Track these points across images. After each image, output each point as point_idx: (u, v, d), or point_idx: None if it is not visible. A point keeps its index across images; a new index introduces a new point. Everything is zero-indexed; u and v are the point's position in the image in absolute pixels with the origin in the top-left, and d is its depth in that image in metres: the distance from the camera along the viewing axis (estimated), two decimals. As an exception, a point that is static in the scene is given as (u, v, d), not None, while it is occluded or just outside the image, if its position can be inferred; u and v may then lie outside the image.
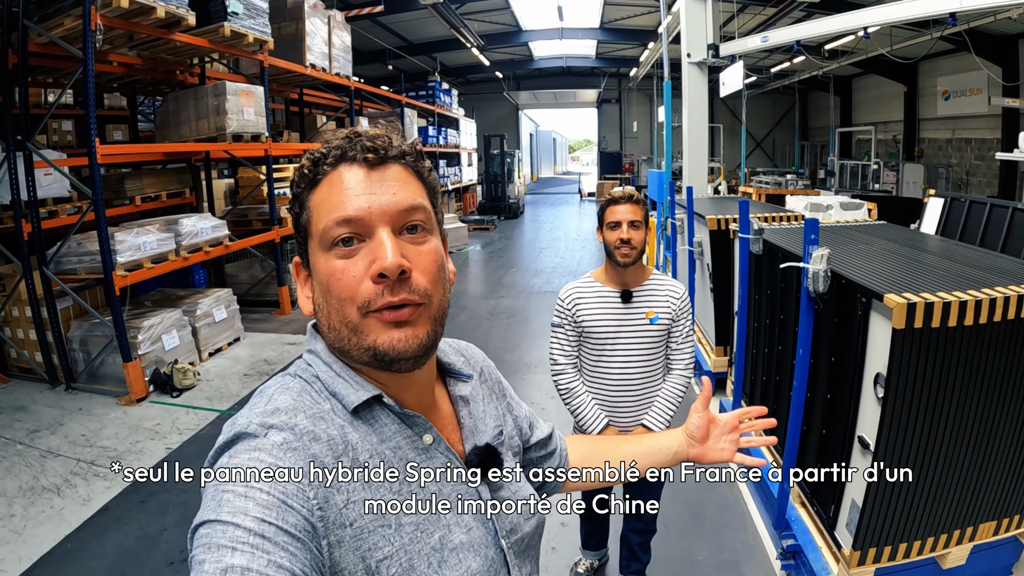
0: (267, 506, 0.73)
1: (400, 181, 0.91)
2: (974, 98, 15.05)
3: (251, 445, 0.79)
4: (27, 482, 4.52)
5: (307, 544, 0.74)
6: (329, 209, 0.88)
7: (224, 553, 0.68)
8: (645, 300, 2.77)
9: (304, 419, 0.83)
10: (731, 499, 4.10)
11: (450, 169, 20.08)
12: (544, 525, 1.12)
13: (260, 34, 7.54)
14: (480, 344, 4.47)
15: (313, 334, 0.98)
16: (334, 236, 0.87)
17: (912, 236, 4.06)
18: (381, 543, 0.81)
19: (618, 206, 2.69)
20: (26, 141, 5.90)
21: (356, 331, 0.87)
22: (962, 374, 2.54)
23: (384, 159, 0.91)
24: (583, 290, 2.80)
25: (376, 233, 0.87)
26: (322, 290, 0.89)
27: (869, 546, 2.75)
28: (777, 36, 8.53)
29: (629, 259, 2.67)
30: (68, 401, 6.01)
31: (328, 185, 0.90)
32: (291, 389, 0.88)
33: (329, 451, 0.82)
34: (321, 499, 0.78)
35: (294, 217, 0.95)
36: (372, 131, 0.93)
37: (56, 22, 5.68)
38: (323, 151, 0.92)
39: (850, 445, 2.87)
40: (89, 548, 3.79)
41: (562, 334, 2.80)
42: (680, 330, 2.80)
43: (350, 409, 0.88)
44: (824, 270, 2.80)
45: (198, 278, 8.72)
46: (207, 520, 0.72)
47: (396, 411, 0.92)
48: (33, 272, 6.16)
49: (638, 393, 2.80)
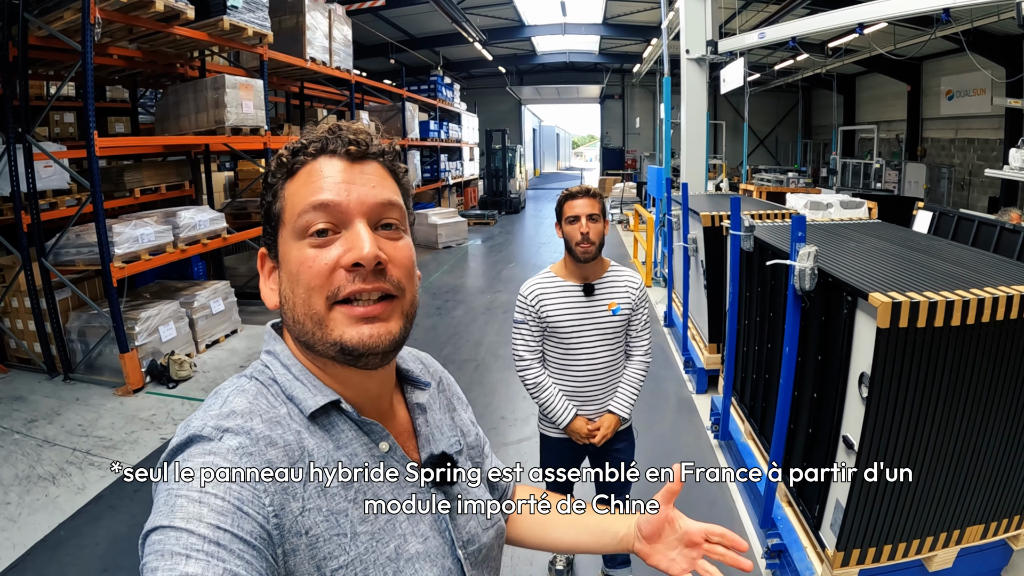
0: (222, 512, 0.71)
1: (379, 177, 0.91)
2: (977, 98, 15.00)
3: (205, 448, 0.77)
4: (23, 471, 4.56)
5: (262, 552, 0.72)
6: (306, 196, 0.87)
7: (178, 561, 0.67)
8: (606, 292, 2.81)
9: (260, 423, 0.81)
10: (719, 497, 4.11)
11: (451, 164, 20.08)
12: (504, 535, 1.10)
13: (260, 28, 7.54)
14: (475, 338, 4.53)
15: (272, 335, 0.96)
16: (309, 222, 0.86)
17: (905, 235, 4.06)
18: (336, 552, 0.80)
19: (576, 200, 2.72)
20: (26, 133, 5.93)
21: (321, 324, 0.85)
22: (948, 375, 2.53)
23: (365, 154, 0.91)
24: (545, 285, 2.82)
25: (353, 224, 0.86)
26: (290, 280, 0.87)
27: (853, 547, 2.75)
28: (774, 32, 8.54)
29: (590, 254, 2.71)
30: (66, 391, 6.04)
31: (306, 174, 0.89)
32: (247, 392, 0.86)
33: (285, 457, 0.80)
34: (277, 506, 0.76)
35: (265, 206, 0.93)
36: (354, 126, 0.93)
37: (56, 15, 5.69)
38: (304, 141, 0.91)
39: (835, 445, 2.88)
40: (82, 536, 3.83)
41: (525, 330, 2.83)
42: (639, 318, 2.88)
43: (307, 414, 0.86)
44: (811, 268, 2.81)
45: (196, 270, 8.74)
46: (160, 526, 0.70)
47: (353, 418, 0.91)
48: (32, 263, 6.19)
49: (604, 382, 2.86)
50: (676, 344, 7.02)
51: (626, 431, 3.02)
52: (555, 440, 2.98)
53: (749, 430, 4.17)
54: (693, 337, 6.28)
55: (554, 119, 54.36)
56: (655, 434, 4.88)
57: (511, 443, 4.92)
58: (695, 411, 5.45)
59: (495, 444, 4.85)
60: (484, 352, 7.17)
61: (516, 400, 5.74)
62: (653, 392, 5.75)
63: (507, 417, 5.39)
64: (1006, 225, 3.52)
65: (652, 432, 4.87)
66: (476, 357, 7.01)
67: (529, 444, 4.84)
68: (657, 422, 5.15)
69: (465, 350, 7.26)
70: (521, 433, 5.08)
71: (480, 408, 5.59)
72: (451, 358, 6.99)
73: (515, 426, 5.22)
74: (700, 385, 5.84)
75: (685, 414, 5.43)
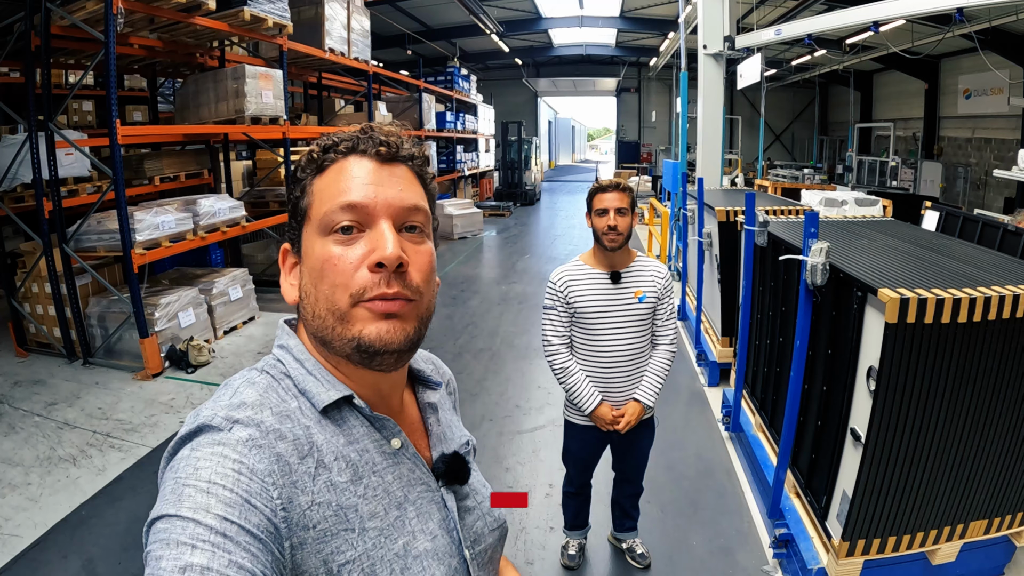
0: (230, 504, 0.71)
1: (407, 180, 0.92)
2: (995, 98, 14.85)
3: (215, 439, 0.76)
4: (44, 452, 4.66)
5: (269, 545, 0.72)
6: (334, 194, 0.88)
7: (183, 550, 0.66)
8: (633, 280, 2.90)
9: (270, 416, 0.81)
10: (729, 488, 4.16)
11: (467, 155, 20.08)
12: (506, 537, 1.11)
13: (279, 18, 7.60)
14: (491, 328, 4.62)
15: (286, 330, 0.96)
16: (335, 221, 0.86)
17: (916, 233, 4.08)
18: (344, 547, 0.80)
19: (606, 194, 2.82)
20: (48, 121, 6.01)
21: (343, 320, 0.85)
22: (955, 371, 2.56)
23: (395, 156, 0.91)
24: (573, 273, 2.92)
25: (377, 224, 0.87)
26: (313, 276, 0.88)
27: (858, 537, 2.80)
28: (790, 30, 8.51)
29: (616, 244, 2.81)
30: (85, 375, 6.15)
31: (336, 172, 0.90)
32: (257, 384, 0.87)
33: (294, 451, 0.80)
34: (285, 499, 0.76)
35: (293, 201, 0.93)
36: (386, 128, 0.94)
37: (78, 5, 5.77)
38: (335, 139, 0.92)
39: (843, 437, 2.92)
40: (103, 515, 3.92)
41: (555, 315, 2.93)
42: (665, 308, 2.96)
43: (319, 408, 0.87)
44: (823, 263, 2.84)
45: (215, 258, 8.84)
46: (166, 514, 0.70)
47: (366, 413, 0.91)
48: (53, 249, 6.30)
49: (629, 369, 2.94)
50: (689, 337, 7.06)
51: (649, 420, 3.11)
52: (580, 427, 3.06)
53: (760, 423, 4.21)
54: (706, 330, 6.32)
55: (570, 111, 54.25)
56: (667, 426, 4.92)
57: (525, 431, 4.97)
58: (707, 403, 5.48)
59: (509, 432, 4.97)
60: (499, 342, 7.23)
61: (531, 389, 5.80)
62: (666, 384, 5.76)
63: (521, 406, 5.44)
64: (1008, 227, 3.55)
65: (664, 424, 4.90)
66: (491, 347, 7.06)
67: (543, 433, 4.90)
68: (669, 414, 5.18)
69: (480, 340, 7.32)
70: (535, 421, 5.13)
71: (495, 397, 5.66)
72: (467, 347, 7.05)
73: (529, 415, 5.28)
74: (712, 378, 5.87)
75: (697, 406, 5.47)
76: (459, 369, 6.34)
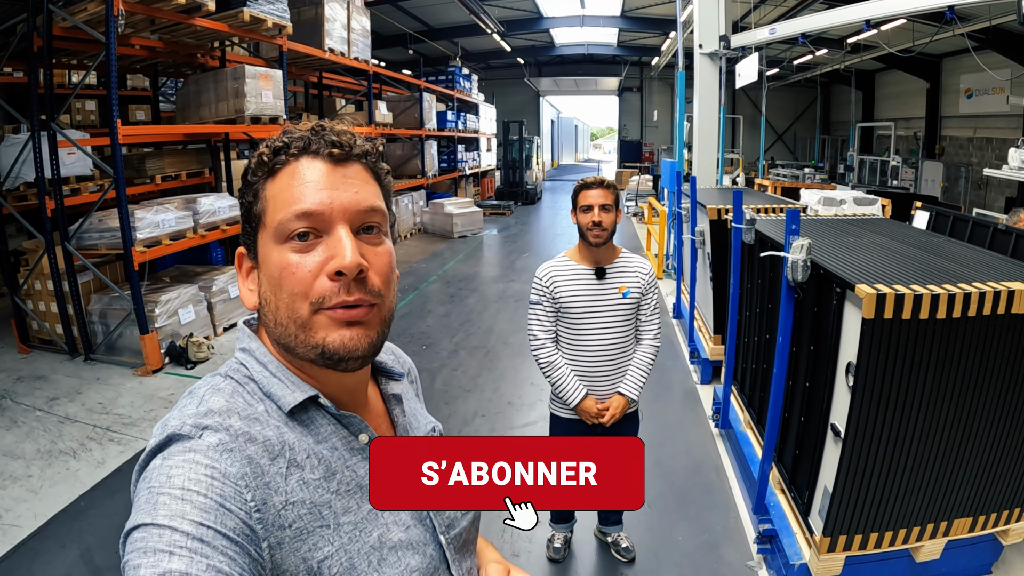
0: (205, 509, 0.71)
1: (361, 180, 0.90)
2: (996, 97, 14.80)
3: (186, 447, 0.77)
4: (45, 446, 4.74)
5: (246, 547, 0.73)
6: (288, 201, 0.86)
7: (161, 557, 0.66)
8: (617, 276, 2.97)
9: (238, 421, 0.82)
10: (717, 483, 4.21)
11: (468, 154, 20.14)
12: (480, 518, 1.11)
13: (279, 19, 7.67)
14: (487, 326, 4.70)
15: (247, 333, 0.96)
16: (291, 229, 0.85)
17: (906, 231, 4.11)
18: (321, 543, 0.80)
19: (590, 190, 2.90)
20: (50, 121, 6.09)
21: (305, 327, 0.85)
22: (933, 368, 2.58)
23: (348, 156, 0.89)
24: (559, 268, 3.00)
25: (335, 230, 0.85)
26: (272, 284, 0.87)
27: (839, 534, 2.83)
28: (784, 28, 8.54)
29: (600, 240, 2.88)
30: (86, 371, 6.23)
31: (288, 176, 0.87)
32: (223, 391, 0.86)
33: (265, 452, 0.80)
34: (259, 501, 0.76)
35: (245, 206, 0.91)
36: (338, 126, 0.91)
37: (80, 7, 5.84)
38: (285, 140, 0.88)
39: (825, 433, 2.96)
40: (101, 507, 4.00)
41: (540, 310, 2.99)
42: (649, 303, 3.02)
43: (286, 411, 0.87)
44: (803, 259, 2.89)
45: (215, 255, 8.89)
46: (142, 523, 0.70)
47: (332, 412, 0.91)
48: (55, 247, 6.37)
49: (614, 363, 3.00)
50: (683, 335, 7.10)
51: (633, 413, 3.15)
52: (565, 420, 3.11)
53: (748, 419, 4.26)
54: (699, 328, 6.36)
55: (573, 111, 54.17)
56: (658, 423, 4.97)
57: (517, 427, 5.03)
58: (699, 400, 5.53)
59: (502, 428, 5.03)
60: (495, 340, 7.28)
61: (524, 386, 5.85)
62: (658, 382, 5.85)
63: (514, 403, 5.50)
64: (999, 226, 3.60)
65: (655, 421, 4.96)
66: (487, 344, 7.12)
67: (534, 428, 4.95)
68: (661, 411, 5.24)
69: (476, 337, 7.37)
70: (527, 418, 5.19)
71: (488, 393, 5.72)
72: (462, 344, 7.11)
73: (521, 411, 5.34)
74: (704, 375, 5.92)
75: (689, 403, 5.51)
76: (454, 366, 6.40)
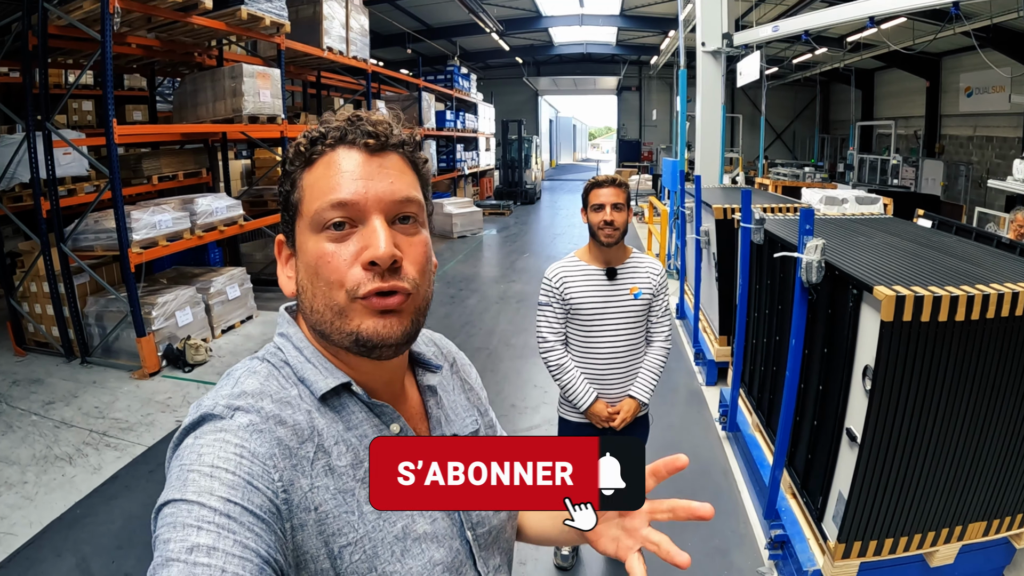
0: (233, 486, 0.73)
1: (397, 170, 0.90)
2: (996, 95, 14.79)
3: (217, 426, 0.79)
4: (40, 451, 4.66)
5: (272, 525, 0.74)
6: (324, 190, 0.87)
7: (190, 532, 0.68)
8: (628, 276, 2.89)
9: (270, 403, 0.83)
10: (726, 488, 4.14)
11: (467, 154, 20.09)
12: (516, 517, 1.09)
13: (277, 17, 7.59)
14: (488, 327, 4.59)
15: (286, 318, 0.97)
16: (326, 219, 0.86)
17: (915, 231, 4.05)
18: (345, 529, 0.81)
19: (601, 189, 2.82)
20: (45, 121, 6.00)
21: (341, 315, 0.86)
22: (952, 371, 2.52)
23: (384, 146, 0.90)
24: (569, 269, 2.91)
25: (370, 220, 0.86)
26: (308, 272, 0.88)
27: (854, 539, 2.77)
28: (787, 26, 8.51)
29: (612, 239, 2.80)
30: (83, 374, 6.15)
31: (324, 166, 0.88)
32: (258, 373, 0.88)
33: (294, 435, 0.82)
34: (286, 482, 0.78)
35: (283, 195, 0.93)
36: (374, 116, 0.92)
37: (75, 5, 5.76)
38: (322, 130, 0.90)
39: (839, 437, 2.90)
40: (98, 514, 3.92)
41: (550, 312, 2.91)
42: (660, 304, 2.95)
43: (318, 396, 0.88)
44: (818, 260, 2.82)
45: (213, 257, 8.84)
46: (172, 499, 0.72)
47: (364, 400, 0.92)
48: (51, 249, 6.29)
49: (624, 366, 2.92)
50: (687, 336, 7.04)
51: (643, 417, 3.08)
52: (575, 424, 3.03)
53: (756, 422, 4.19)
54: (704, 329, 6.30)
55: (571, 110, 54.14)
56: (664, 425, 4.90)
57: (520, 430, 4.95)
58: (704, 403, 5.47)
59: (506, 431, 4.90)
60: (496, 341, 7.21)
61: (527, 388, 5.78)
62: (664, 383, 5.74)
63: (517, 405, 5.43)
64: (1003, 239, 3.54)
65: (661, 423, 4.88)
66: (488, 345, 7.05)
67: (538, 431, 4.87)
68: (666, 413, 5.17)
69: (478, 338, 7.31)
70: (531, 421, 5.12)
71: (491, 395, 5.51)
72: (463, 346, 6.84)
73: (525, 414, 5.27)
74: (710, 377, 5.85)
75: (695, 405, 5.45)
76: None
